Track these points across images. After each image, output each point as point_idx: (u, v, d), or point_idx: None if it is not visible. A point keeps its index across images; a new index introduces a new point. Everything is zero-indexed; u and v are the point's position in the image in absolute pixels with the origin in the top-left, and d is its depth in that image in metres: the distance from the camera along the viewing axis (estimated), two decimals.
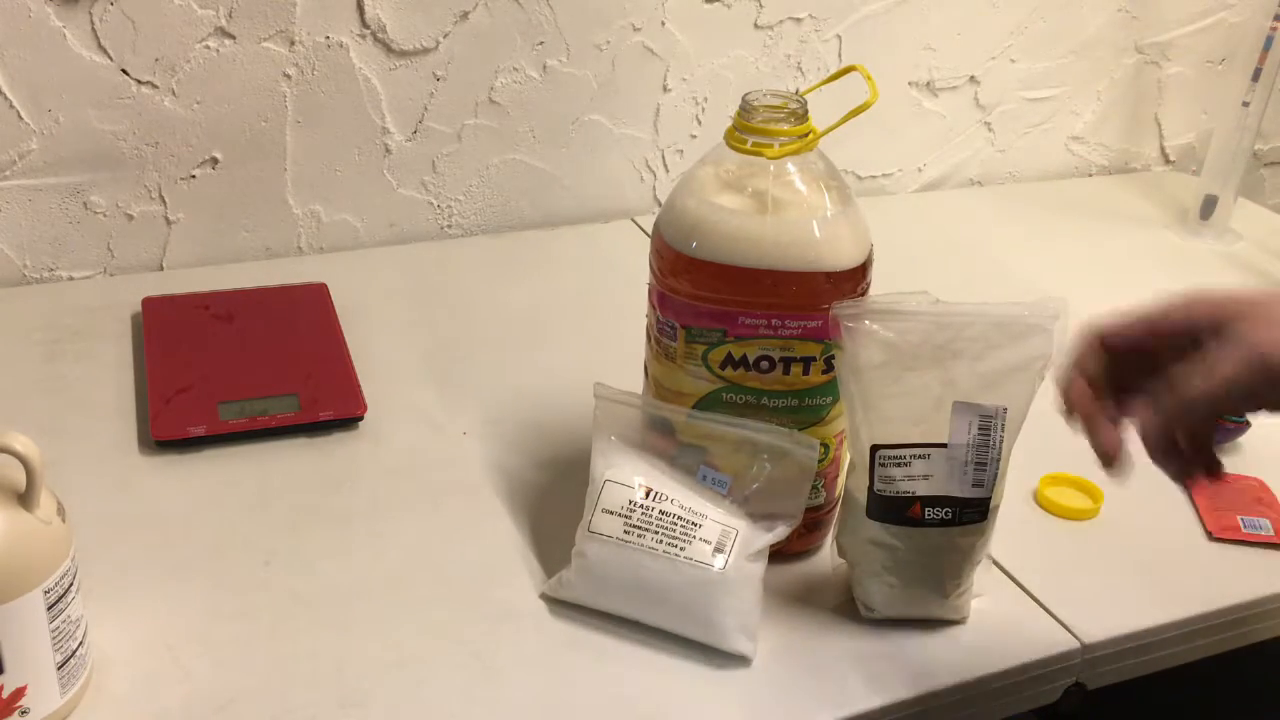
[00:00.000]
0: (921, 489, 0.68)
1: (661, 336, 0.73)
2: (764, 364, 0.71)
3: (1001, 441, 0.67)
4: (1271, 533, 0.82)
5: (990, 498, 0.68)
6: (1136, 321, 0.60)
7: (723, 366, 0.71)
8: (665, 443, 0.73)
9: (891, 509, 0.68)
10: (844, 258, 0.70)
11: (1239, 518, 0.83)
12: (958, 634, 0.72)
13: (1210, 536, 0.82)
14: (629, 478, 0.71)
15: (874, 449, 0.68)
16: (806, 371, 0.71)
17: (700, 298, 0.70)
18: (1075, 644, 0.72)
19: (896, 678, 0.68)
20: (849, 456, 0.72)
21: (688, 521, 0.69)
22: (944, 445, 0.67)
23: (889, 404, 0.67)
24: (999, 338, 0.67)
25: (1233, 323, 0.56)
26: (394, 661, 0.67)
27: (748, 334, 0.70)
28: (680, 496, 0.71)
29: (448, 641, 0.69)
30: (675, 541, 0.69)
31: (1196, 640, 0.76)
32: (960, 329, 0.67)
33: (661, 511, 0.70)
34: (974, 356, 0.67)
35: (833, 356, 0.70)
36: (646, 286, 0.74)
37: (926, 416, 0.67)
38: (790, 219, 0.69)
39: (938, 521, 0.68)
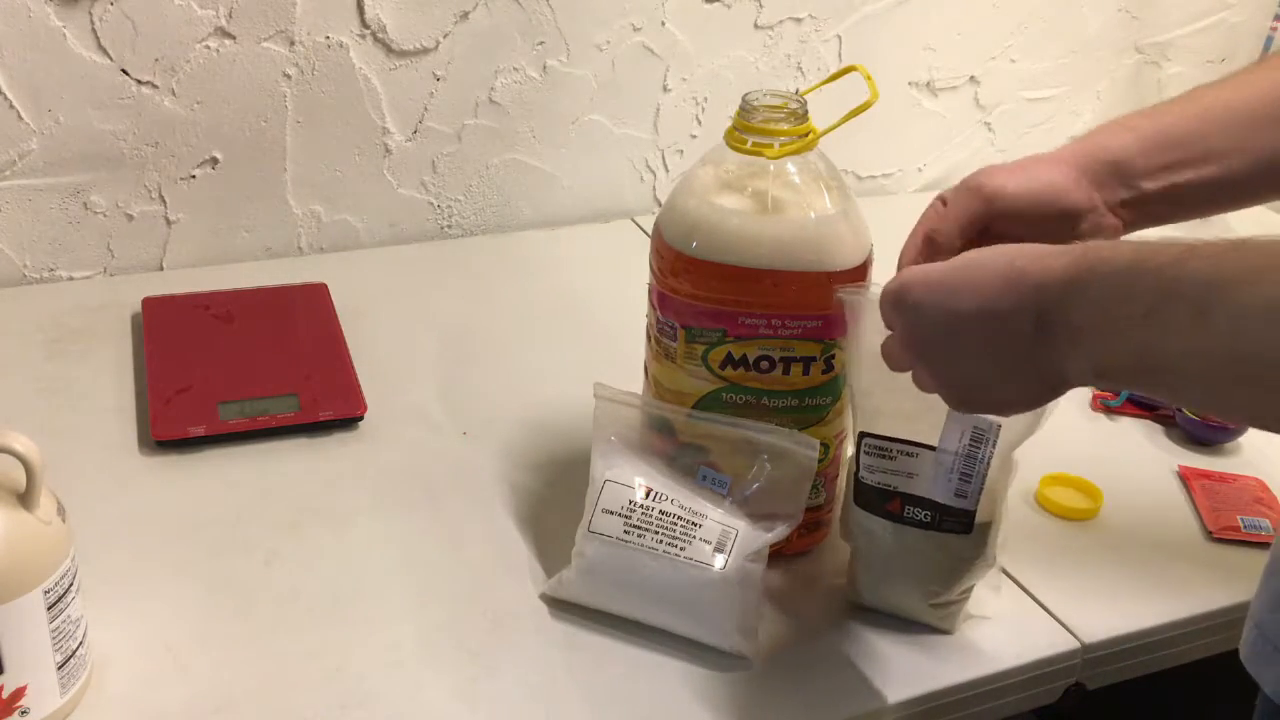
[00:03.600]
0: (903, 485, 0.68)
1: (661, 336, 0.73)
2: (764, 364, 0.71)
3: (990, 457, 0.66)
4: (1271, 533, 0.81)
5: (974, 511, 0.67)
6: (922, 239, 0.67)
7: (723, 366, 0.71)
8: (665, 443, 0.73)
9: (872, 498, 0.69)
10: (844, 258, 0.70)
11: (1239, 518, 0.83)
12: (958, 634, 0.72)
13: (1210, 536, 0.82)
14: (629, 478, 0.71)
15: (861, 435, 0.68)
16: (806, 371, 0.71)
17: (700, 298, 0.70)
18: (1075, 644, 0.72)
19: (896, 678, 0.68)
20: (850, 447, 0.72)
21: (688, 521, 0.69)
22: (932, 448, 0.66)
23: (885, 396, 0.67)
24: None
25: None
26: (394, 661, 0.67)
27: (748, 334, 0.70)
28: (680, 496, 0.70)
29: (448, 641, 0.69)
30: (675, 541, 0.69)
31: (1196, 640, 0.76)
32: None
33: (661, 511, 0.70)
34: None
35: (832, 356, 0.70)
36: (646, 286, 0.74)
37: (921, 415, 0.66)
38: (790, 219, 0.69)
39: (916, 522, 0.68)
